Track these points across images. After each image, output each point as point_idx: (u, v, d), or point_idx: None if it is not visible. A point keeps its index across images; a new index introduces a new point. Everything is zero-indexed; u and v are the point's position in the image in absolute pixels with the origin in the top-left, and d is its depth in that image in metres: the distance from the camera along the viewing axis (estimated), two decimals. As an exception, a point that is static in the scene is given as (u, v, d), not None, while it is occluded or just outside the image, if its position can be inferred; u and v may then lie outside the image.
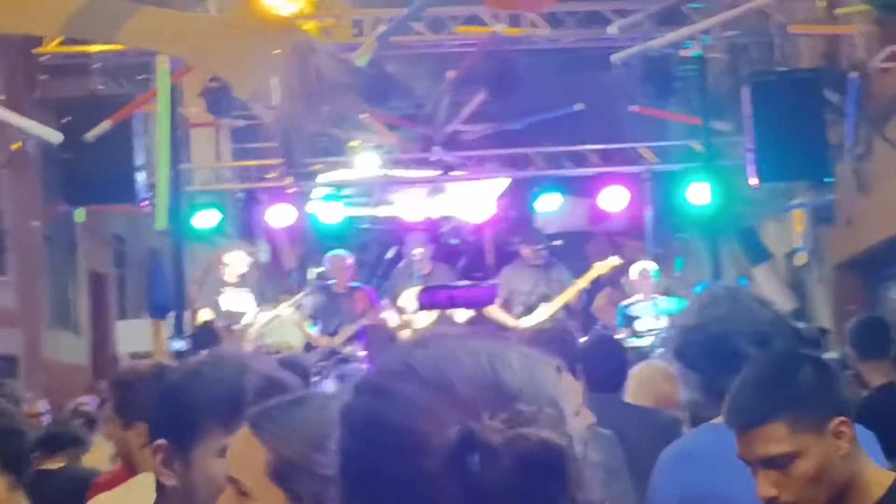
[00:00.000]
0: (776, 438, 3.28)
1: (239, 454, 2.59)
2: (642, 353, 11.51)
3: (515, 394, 1.63)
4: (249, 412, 2.66)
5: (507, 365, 1.67)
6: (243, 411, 2.73)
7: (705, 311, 4.05)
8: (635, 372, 7.42)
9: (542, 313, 14.29)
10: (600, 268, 14.84)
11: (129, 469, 4.80)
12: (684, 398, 4.12)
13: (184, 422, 2.87)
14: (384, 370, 1.70)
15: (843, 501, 3.33)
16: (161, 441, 2.90)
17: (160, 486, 2.95)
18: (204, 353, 8.44)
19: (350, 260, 14.69)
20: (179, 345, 12.84)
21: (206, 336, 8.77)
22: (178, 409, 2.90)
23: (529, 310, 14.36)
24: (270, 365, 3.04)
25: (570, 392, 3.94)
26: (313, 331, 14.34)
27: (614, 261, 14.95)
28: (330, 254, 14.85)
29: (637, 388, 7.18)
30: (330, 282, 14.56)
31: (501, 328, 13.69)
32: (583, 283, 14.55)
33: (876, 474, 3.41)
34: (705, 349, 3.95)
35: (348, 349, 14.13)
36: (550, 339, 6.41)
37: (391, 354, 1.73)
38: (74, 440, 8.11)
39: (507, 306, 14.50)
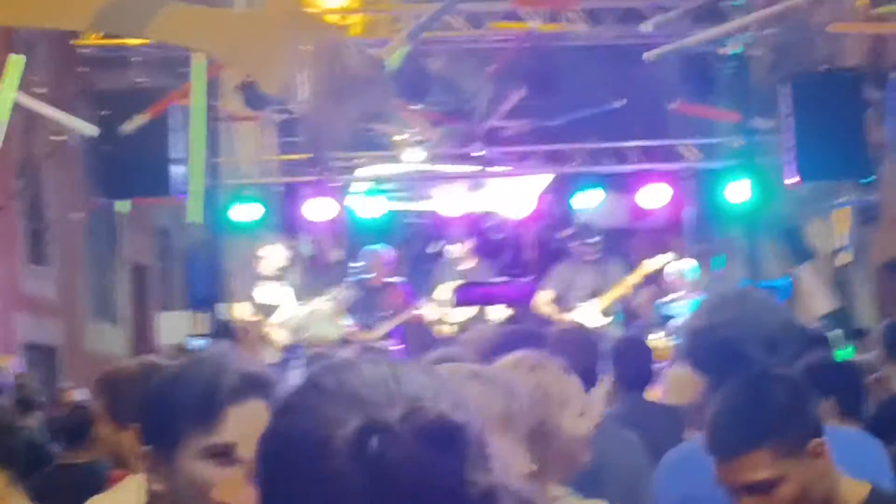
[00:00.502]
0: (759, 465, 3.29)
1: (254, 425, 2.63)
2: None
3: (417, 395, 1.66)
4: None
5: (410, 375, 1.70)
6: (220, 411, 2.75)
7: (714, 313, 4.05)
8: (671, 372, 7.42)
9: (596, 306, 14.26)
10: (650, 264, 14.79)
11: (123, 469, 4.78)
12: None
13: (164, 427, 2.88)
14: (291, 391, 1.74)
15: None
16: (146, 448, 2.91)
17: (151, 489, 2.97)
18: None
19: (388, 255, 14.68)
20: (197, 343, 12.87)
21: (222, 334, 8.74)
22: (159, 414, 2.91)
23: (582, 304, 14.34)
24: (252, 362, 3.05)
25: (571, 393, 3.92)
26: (348, 324, 14.35)
27: (667, 257, 14.90)
28: (368, 248, 14.85)
29: (672, 387, 7.16)
30: (367, 276, 14.55)
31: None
32: (635, 277, 14.51)
33: (852, 486, 3.42)
34: (713, 352, 3.95)
35: (383, 344, 14.15)
36: (569, 339, 6.40)
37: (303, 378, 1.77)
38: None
39: (561, 302, 14.43)
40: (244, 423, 2.76)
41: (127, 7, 8.79)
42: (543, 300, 14.36)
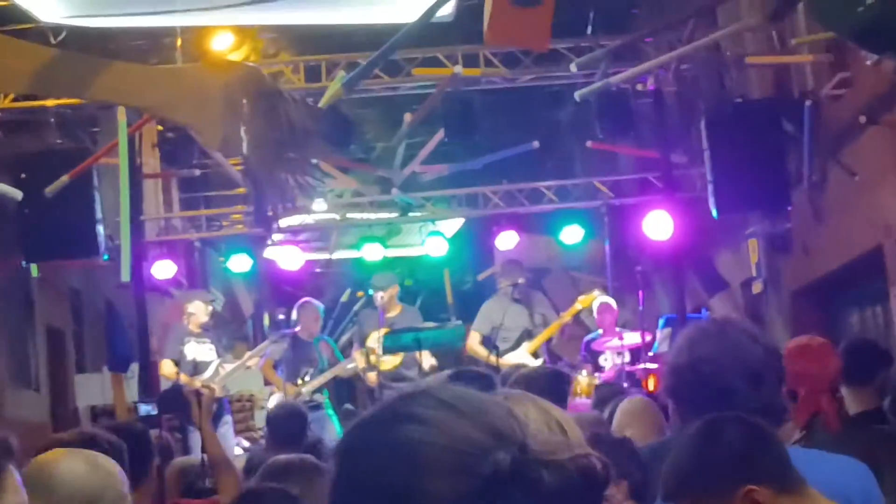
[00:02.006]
0: None
1: None
2: (613, 389, 11.52)
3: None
4: None
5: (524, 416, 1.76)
6: None
7: (695, 348, 4.03)
8: (626, 406, 7.46)
9: (525, 349, 14.30)
10: (583, 301, 14.89)
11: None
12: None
13: None
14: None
15: None
16: None
17: None
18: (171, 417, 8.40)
19: (317, 309, 14.65)
20: (147, 409, 12.71)
21: (173, 400, 8.65)
22: None
23: (511, 346, 14.34)
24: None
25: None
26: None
27: (595, 294, 15.01)
28: (302, 301, 14.80)
29: (631, 420, 7.20)
30: (294, 330, 14.49)
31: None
32: (566, 317, 14.59)
33: None
34: (697, 388, 3.93)
35: (316, 397, 14.10)
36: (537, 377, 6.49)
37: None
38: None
39: (487, 342, 14.45)
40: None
41: (65, 69, 8.72)
42: (475, 340, 14.40)
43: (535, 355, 14.20)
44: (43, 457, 3.82)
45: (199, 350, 14.06)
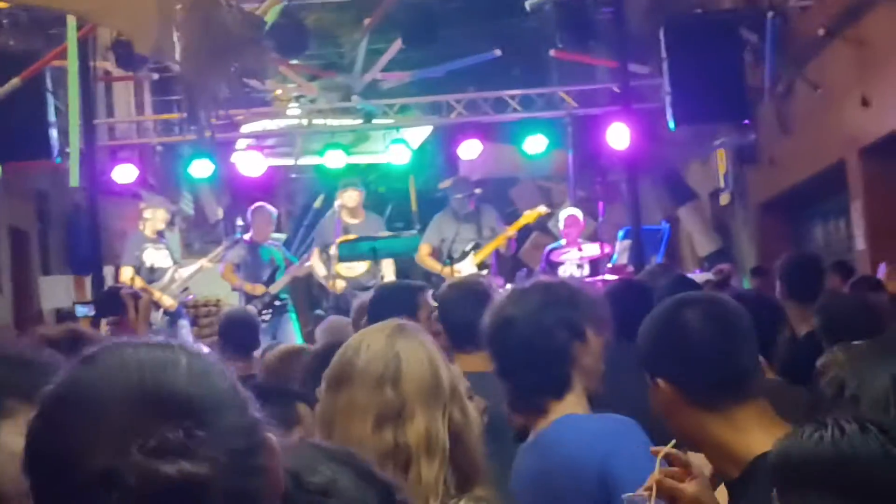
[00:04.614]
0: None
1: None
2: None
3: (177, 409, 1.57)
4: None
5: (173, 376, 1.60)
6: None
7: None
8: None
9: (471, 260, 14.26)
10: (528, 217, 14.81)
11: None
12: None
13: None
14: (51, 394, 1.65)
15: None
16: None
17: None
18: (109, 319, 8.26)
19: (270, 212, 14.58)
20: (85, 310, 12.66)
21: (110, 302, 8.59)
22: None
23: (459, 256, 14.30)
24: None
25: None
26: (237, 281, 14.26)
27: (541, 209, 14.94)
28: (254, 206, 14.74)
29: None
30: (248, 234, 14.46)
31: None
32: (511, 231, 14.51)
33: None
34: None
35: (282, 299, 14.11)
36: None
37: (67, 372, 1.67)
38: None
39: (436, 254, 14.44)
40: None
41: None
42: (425, 252, 14.36)
43: (481, 266, 14.14)
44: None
45: (157, 256, 14.01)
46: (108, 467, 1.52)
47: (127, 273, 13.99)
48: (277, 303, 13.99)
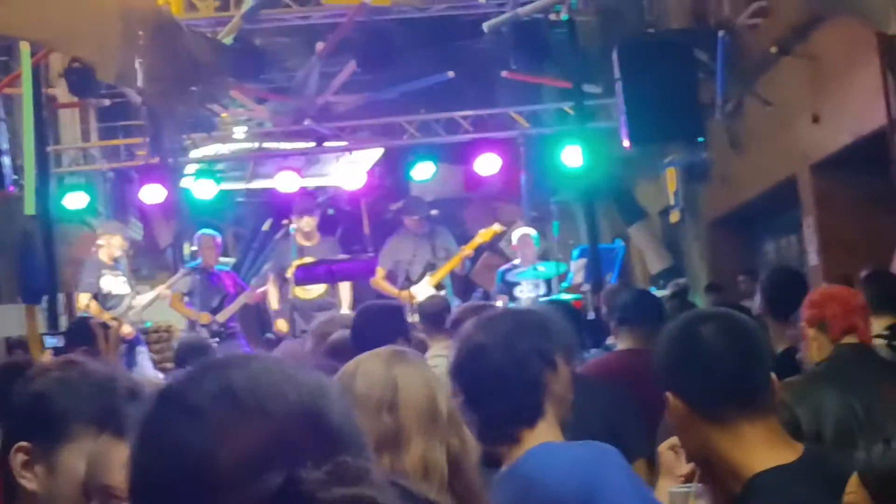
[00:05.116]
0: None
1: (112, 462, 2.58)
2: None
3: (336, 438, 1.53)
4: (111, 423, 2.65)
5: (328, 400, 1.57)
6: (117, 414, 2.71)
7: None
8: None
9: (428, 282, 14.27)
10: (483, 235, 14.84)
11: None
12: None
13: (51, 425, 2.81)
14: (198, 386, 1.56)
15: None
16: (24, 443, 2.85)
17: (10, 491, 2.90)
18: (79, 351, 8.21)
19: (216, 239, 14.55)
20: (53, 341, 12.56)
21: (80, 332, 8.53)
22: (46, 412, 2.84)
23: (416, 279, 14.32)
24: (130, 376, 3.06)
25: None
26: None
27: (496, 228, 14.98)
28: (199, 233, 14.71)
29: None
30: (198, 261, 14.43)
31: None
32: (467, 250, 14.54)
33: None
34: None
35: (231, 326, 14.08)
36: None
37: (203, 368, 1.60)
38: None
39: (391, 277, 14.45)
40: None
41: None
42: (380, 276, 14.36)
43: (438, 287, 14.16)
44: None
45: (113, 283, 13.93)
46: (290, 479, 1.47)
47: (83, 300, 13.90)
48: (226, 329, 13.95)
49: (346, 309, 13.19)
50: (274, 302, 14.31)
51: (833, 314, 5.70)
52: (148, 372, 13.54)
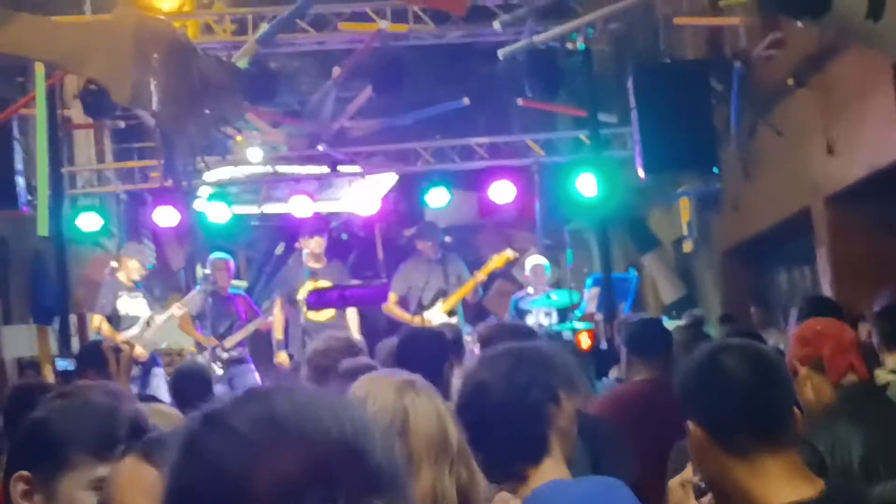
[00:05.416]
0: None
1: (132, 482, 2.58)
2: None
3: (375, 475, 1.53)
4: (138, 444, 2.63)
5: (370, 437, 1.57)
6: (118, 444, 2.69)
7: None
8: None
9: (440, 308, 14.24)
10: (496, 261, 14.80)
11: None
12: None
13: (51, 454, 2.79)
14: (241, 411, 1.57)
15: None
16: (24, 472, 2.83)
17: None
18: (90, 374, 8.15)
19: (229, 263, 14.53)
20: (65, 364, 12.55)
21: (92, 355, 8.51)
22: (46, 440, 2.81)
23: (429, 304, 14.29)
24: (135, 406, 3.02)
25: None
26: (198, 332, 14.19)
27: (509, 254, 14.93)
28: (212, 256, 14.70)
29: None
30: (212, 285, 14.41)
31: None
32: (480, 276, 14.51)
33: None
34: None
35: (237, 351, 14.02)
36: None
37: (248, 394, 1.61)
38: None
39: (403, 302, 14.42)
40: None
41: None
42: (392, 301, 14.34)
43: (450, 313, 14.14)
44: None
45: (130, 304, 13.90)
46: None
47: (96, 321, 13.89)
48: (232, 354, 13.91)
49: (355, 333, 13.15)
50: (278, 331, 14.26)
51: (830, 355, 5.49)
52: (163, 393, 13.51)
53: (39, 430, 2.90)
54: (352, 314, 14.18)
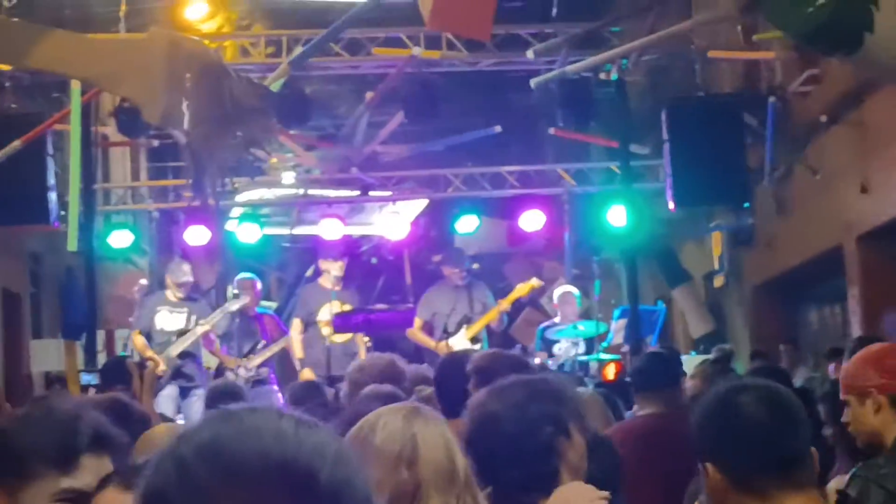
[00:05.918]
0: None
1: None
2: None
3: (322, 494, 1.50)
4: (119, 474, 2.63)
5: (324, 461, 1.53)
6: (79, 455, 2.68)
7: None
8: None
9: (464, 335, 14.21)
10: (521, 289, 14.75)
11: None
12: None
13: (13, 466, 2.79)
14: (189, 439, 1.55)
15: None
16: None
17: None
18: (115, 389, 8.13)
19: (257, 283, 14.53)
20: (89, 378, 12.57)
21: (116, 371, 8.51)
22: (8, 453, 2.82)
23: (453, 331, 14.26)
24: (98, 416, 2.98)
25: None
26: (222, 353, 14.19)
27: (534, 282, 14.88)
28: (238, 277, 14.72)
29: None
30: (240, 304, 14.39)
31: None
32: (504, 304, 14.46)
33: None
34: None
35: (260, 372, 14.01)
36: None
37: (207, 419, 1.59)
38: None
39: (428, 328, 14.38)
40: (95, 475, 2.70)
41: (4, 35, 8.59)
42: (417, 327, 14.32)
43: (475, 340, 14.10)
44: None
45: (168, 319, 13.87)
46: None
47: (137, 339, 13.86)
48: (253, 374, 13.90)
49: (362, 354, 13.17)
50: (298, 350, 14.22)
51: None
52: (196, 414, 13.49)
53: (1, 443, 2.89)
54: (360, 337, 14.14)
